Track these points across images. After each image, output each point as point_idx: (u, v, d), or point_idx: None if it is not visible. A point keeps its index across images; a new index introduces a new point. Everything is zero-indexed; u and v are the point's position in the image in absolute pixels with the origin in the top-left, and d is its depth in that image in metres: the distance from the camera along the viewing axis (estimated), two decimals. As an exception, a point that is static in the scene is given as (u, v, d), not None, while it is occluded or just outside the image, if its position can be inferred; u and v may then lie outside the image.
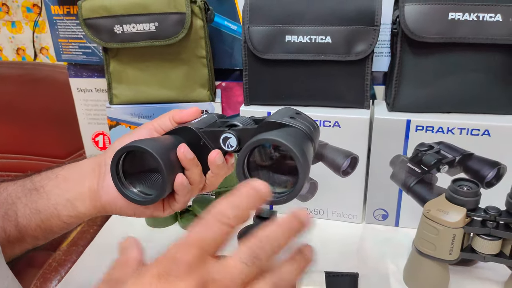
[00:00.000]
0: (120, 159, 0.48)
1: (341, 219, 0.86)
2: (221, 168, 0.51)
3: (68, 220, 0.53)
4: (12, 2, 1.45)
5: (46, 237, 0.55)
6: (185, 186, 0.49)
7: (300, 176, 0.43)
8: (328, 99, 0.81)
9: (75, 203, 0.52)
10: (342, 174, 0.81)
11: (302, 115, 0.52)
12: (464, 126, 0.72)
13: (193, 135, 0.50)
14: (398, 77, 0.76)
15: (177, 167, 0.49)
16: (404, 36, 0.73)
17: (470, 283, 0.68)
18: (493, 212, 0.60)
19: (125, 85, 0.86)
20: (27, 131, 1.32)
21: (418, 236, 0.65)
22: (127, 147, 0.47)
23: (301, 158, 0.42)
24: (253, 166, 0.47)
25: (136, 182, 0.50)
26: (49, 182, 0.53)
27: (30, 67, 1.33)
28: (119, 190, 0.49)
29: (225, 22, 0.88)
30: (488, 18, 0.68)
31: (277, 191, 0.46)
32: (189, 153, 0.49)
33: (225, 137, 0.49)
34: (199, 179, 0.51)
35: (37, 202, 0.52)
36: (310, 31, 0.76)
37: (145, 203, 0.49)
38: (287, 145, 0.42)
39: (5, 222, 0.52)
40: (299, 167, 0.42)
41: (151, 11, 0.78)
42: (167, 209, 0.53)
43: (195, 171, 0.50)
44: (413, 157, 0.77)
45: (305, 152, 0.44)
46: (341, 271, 0.67)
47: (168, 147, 0.48)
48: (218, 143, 0.50)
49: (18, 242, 0.53)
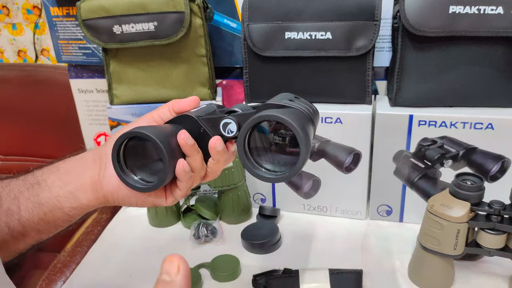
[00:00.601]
0: (121, 146, 0.48)
1: (344, 216, 0.85)
2: (222, 154, 0.50)
3: (70, 212, 0.52)
4: (12, 4, 1.45)
5: (49, 231, 0.54)
6: (186, 172, 0.48)
7: (301, 150, 0.42)
8: (329, 95, 0.80)
9: (77, 194, 0.52)
10: (345, 170, 0.81)
11: (301, 99, 0.52)
12: (467, 120, 0.72)
13: (193, 123, 0.50)
14: (399, 72, 0.76)
15: (178, 153, 0.48)
16: (405, 31, 0.73)
17: (475, 278, 0.67)
18: (497, 206, 0.60)
19: (125, 85, 0.86)
20: (29, 132, 1.32)
21: (422, 231, 0.65)
22: (128, 132, 0.47)
23: (301, 133, 0.42)
24: (253, 145, 0.47)
25: (138, 170, 0.50)
26: (51, 175, 0.53)
27: (31, 68, 1.33)
28: (120, 177, 0.49)
29: (225, 20, 0.88)
30: (489, 11, 0.68)
31: (278, 169, 0.46)
32: (190, 139, 0.48)
33: (225, 122, 0.49)
34: (200, 166, 0.50)
35: (39, 196, 0.52)
36: (310, 27, 0.75)
37: (146, 189, 0.49)
38: (287, 120, 0.42)
39: (8, 217, 0.52)
40: (299, 141, 0.42)
41: (150, 10, 0.78)
42: (169, 197, 0.52)
43: (196, 158, 0.49)
44: (416, 152, 0.76)
45: (305, 128, 0.43)
46: (345, 268, 0.66)
47: (168, 134, 0.48)
48: (218, 129, 0.50)
49: (22, 237, 0.53)
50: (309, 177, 0.83)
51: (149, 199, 0.52)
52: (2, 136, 1.34)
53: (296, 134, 0.42)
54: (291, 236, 0.81)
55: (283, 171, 0.46)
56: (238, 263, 0.72)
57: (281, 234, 0.80)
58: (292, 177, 0.45)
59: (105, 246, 0.84)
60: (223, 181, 0.82)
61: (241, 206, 0.85)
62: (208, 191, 0.93)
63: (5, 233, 0.52)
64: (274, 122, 0.47)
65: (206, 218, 0.85)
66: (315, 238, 0.81)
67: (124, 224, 0.91)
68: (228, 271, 0.70)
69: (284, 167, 0.46)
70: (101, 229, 1.00)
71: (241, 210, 0.86)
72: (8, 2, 1.46)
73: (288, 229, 0.82)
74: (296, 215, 0.88)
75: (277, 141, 0.48)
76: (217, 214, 0.87)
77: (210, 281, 0.71)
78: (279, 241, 0.78)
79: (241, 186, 0.85)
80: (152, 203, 0.52)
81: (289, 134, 0.47)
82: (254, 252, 0.77)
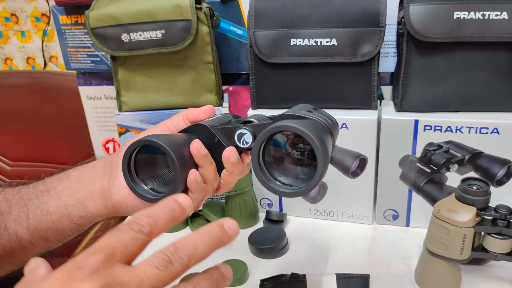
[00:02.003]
0: (132, 154, 0.47)
1: (351, 221, 0.86)
2: (236, 166, 0.49)
3: (79, 221, 0.52)
4: (21, 12, 1.47)
5: (57, 240, 0.53)
6: (198, 183, 0.47)
7: (319, 163, 0.41)
8: (335, 101, 0.81)
9: (86, 203, 0.51)
10: (351, 175, 0.81)
11: (320, 110, 0.51)
12: (472, 124, 0.72)
13: (207, 133, 0.49)
14: (405, 77, 0.76)
15: (190, 163, 0.47)
16: (410, 36, 0.73)
17: (482, 282, 0.68)
18: (503, 211, 0.60)
19: (133, 92, 0.87)
20: (38, 139, 1.33)
21: (428, 236, 0.65)
22: (140, 140, 0.46)
23: (319, 145, 0.40)
24: (268, 157, 0.46)
25: (148, 180, 0.49)
26: (61, 183, 0.53)
27: (40, 75, 1.35)
28: (130, 186, 0.48)
29: (231, 27, 0.89)
30: (494, 16, 0.68)
31: (294, 183, 0.45)
32: (203, 149, 0.47)
33: (240, 133, 0.47)
34: (213, 178, 0.49)
35: (48, 203, 0.51)
36: (315, 34, 0.76)
37: (156, 200, 0.47)
38: (305, 131, 0.40)
39: (17, 225, 0.51)
40: (317, 153, 0.40)
41: (157, 19, 0.79)
42: None
43: (209, 169, 0.48)
44: (422, 157, 0.76)
45: (324, 141, 0.42)
46: (352, 273, 0.67)
47: (181, 143, 0.47)
48: (233, 140, 0.48)
49: (31, 246, 0.52)
50: (315, 182, 0.84)
51: None
52: (11, 142, 1.36)
53: (313, 147, 0.41)
54: (298, 241, 0.81)
55: (298, 185, 0.44)
56: (246, 267, 0.73)
57: (288, 239, 0.80)
58: (308, 192, 0.43)
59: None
60: (230, 187, 0.83)
61: (248, 211, 0.86)
62: (216, 197, 0.94)
63: (13, 241, 0.52)
64: (291, 135, 0.46)
65: (214, 223, 0.85)
66: (322, 243, 0.81)
67: (132, 229, 0.91)
68: (235, 275, 0.71)
69: (300, 180, 0.45)
70: (109, 234, 1.00)
71: (248, 215, 0.86)
72: (17, 10, 1.48)
73: (295, 234, 0.83)
74: (302, 220, 0.88)
75: (293, 154, 0.46)
76: (225, 219, 0.88)
77: (218, 286, 0.71)
78: (286, 246, 0.79)
79: (248, 191, 0.86)
80: None
81: (307, 147, 0.45)
82: (261, 257, 0.77)
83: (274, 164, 0.46)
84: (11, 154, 1.39)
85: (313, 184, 0.42)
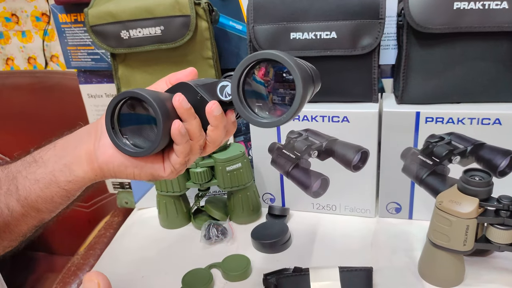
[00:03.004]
0: (115, 109, 0.47)
1: (354, 214, 0.86)
2: (220, 120, 0.48)
3: (66, 186, 0.51)
4: (21, 12, 1.47)
5: (48, 209, 0.53)
6: (183, 135, 0.47)
7: (297, 88, 0.41)
8: (336, 94, 0.81)
9: (72, 167, 0.51)
10: (353, 168, 0.81)
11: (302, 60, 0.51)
12: (474, 115, 0.72)
13: (190, 90, 0.48)
14: (405, 69, 0.76)
15: (173, 116, 0.47)
16: (410, 28, 0.73)
17: (486, 273, 0.67)
18: (506, 201, 0.60)
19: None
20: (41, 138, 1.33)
21: (431, 228, 0.65)
22: (122, 93, 0.46)
23: (298, 71, 0.40)
24: (249, 93, 0.46)
25: (132, 135, 0.49)
26: (47, 152, 0.53)
27: (41, 75, 1.35)
28: (112, 141, 0.48)
29: (230, 22, 0.88)
30: (494, 6, 0.68)
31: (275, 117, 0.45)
32: (185, 102, 0.47)
33: (222, 85, 0.47)
34: (198, 133, 0.49)
35: (36, 172, 0.51)
36: (314, 27, 0.76)
37: (140, 153, 0.47)
38: (284, 57, 0.40)
39: (7, 198, 0.52)
40: (295, 78, 0.40)
41: (156, 15, 0.79)
42: (168, 167, 0.50)
43: (193, 123, 0.48)
44: (424, 149, 0.76)
45: (303, 72, 0.42)
46: (355, 266, 0.67)
47: (164, 97, 0.47)
48: (215, 94, 0.48)
49: (23, 217, 0.53)
50: (317, 176, 0.84)
51: (146, 168, 0.50)
52: (13, 141, 1.36)
53: (292, 72, 0.40)
54: (300, 235, 0.81)
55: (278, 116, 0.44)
56: (249, 262, 0.73)
57: (290, 233, 0.80)
58: (287, 120, 0.43)
59: (118, 248, 0.85)
60: (232, 182, 0.83)
61: (250, 206, 0.86)
62: (218, 192, 0.94)
63: (6, 215, 0.52)
64: (267, 71, 0.46)
65: (216, 219, 0.86)
66: (325, 236, 0.81)
67: (136, 226, 0.92)
68: (239, 270, 0.71)
69: (280, 114, 0.44)
70: (113, 232, 1.01)
71: (251, 210, 0.86)
72: (17, 10, 1.48)
73: (297, 228, 0.83)
74: (305, 214, 0.88)
75: (270, 90, 0.46)
76: (227, 215, 0.88)
77: (222, 281, 0.72)
78: (289, 240, 0.79)
79: (250, 186, 0.86)
80: (150, 173, 0.50)
81: (284, 81, 0.45)
82: (264, 251, 0.77)
83: (255, 99, 0.46)
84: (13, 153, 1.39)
85: (292, 111, 0.42)
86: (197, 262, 0.74)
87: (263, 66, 0.45)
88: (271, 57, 0.42)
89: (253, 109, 0.46)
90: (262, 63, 0.45)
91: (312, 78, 0.48)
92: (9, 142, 1.37)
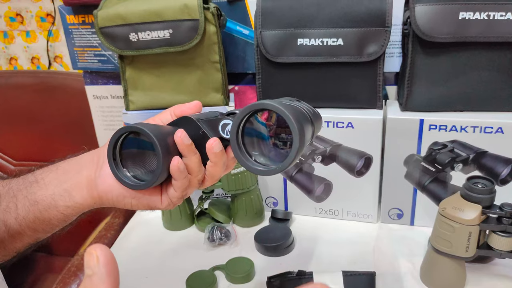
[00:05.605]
0: (118, 142, 0.48)
1: (356, 219, 0.87)
2: (220, 157, 0.49)
3: (65, 211, 0.52)
4: (26, 12, 1.48)
5: (45, 230, 0.54)
6: (181, 171, 0.47)
7: (294, 139, 0.41)
8: (341, 101, 0.82)
9: (72, 192, 0.51)
10: (356, 174, 0.82)
11: (302, 102, 0.52)
12: (477, 124, 0.73)
13: (192, 125, 0.49)
14: (410, 77, 0.77)
15: (174, 151, 0.47)
16: (415, 37, 0.74)
17: (487, 280, 0.68)
18: (508, 209, 0.61)
19: (140, 91, 0.88)
20: (44, 138, 1.34)
21: (434, 234, 0.66)
22: (125, 127, 0.47)
23: (294, 122, 0.41)
24: (248, 140, 0.46)
25: (133, 167, 0.49)
26: (49, 174, 0.53)
27: (44, 75, 1.35)
28: (113, 172, 0.48)
29: (238, 27, 0.89)
30: (499, 17, 0.69)
31: (272, 164, 0.45)
32: (187, 138, 0.48)
33: (224, 123, 0.48)
34: (197, 168, 0.49)
35: (36, 194, 0.52)
36: (321, 34, 0.77)
37: (139, 187, 0.48)
38: (281, 108, 0.41)
39: (6, 215, 0.52)
40: (292, 129, 0.41)
41: (165, 18, 0.80)
42: (165, 200, 0.51)
43: (193, 159, 0.49)
44: (427, 156, 0.77)
45: (300, 121, 0.42)
46: (358, 270, 0.67)
47: (166, 132, 0.47)
48: (217, 131, 0.49)
49: (19, 236, 0.53)
50: (320, 181, 0.85)
51: (144, 200, 0.50)
52: (16, 141, 1.36)
53: (288, 122, 0.41)
54: (303, 239, 0.82)
55: (276, 165, 0.45)
56: (253, 265, 0.73)
57: (293, 237, 0.81)
58: (282, 170, 0.43)
59: (121, 249, 0.86)
60: (236, 185, 0.84)
61: (254, 210, 0.87)
62: (221, 195, 0.94)
63: (2, 231, 0.52)
64: (270, 116, 0.46)
65: (220, 222, 0.86)
66: (327, 241, 0.82)
67: (139, 227, 0.92)
68: (242, 273, 0.72)
69: (277, 162, 0.45)
70: (114, 233, 1.01)
71: (254, 213, 0.87)
72: (22, 10, 1.49)
73: (300, 232, 0.83)
74: (308, 219, 0.89)
75: (272, 134, 0.47)
76: (231, 218, 0.88)
77: (225, 283, 0.72)
78: (292, 244, 0.79)
79: (253, 190, 0.86)
80: (147, 204, 0.51)
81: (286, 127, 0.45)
82: (267, 254, 0.78)
83: (253, 146, 0.47)
84: (16, 154, 1.39)
85: (287, 163, 0.43)
86: (201, 264, 0.75)
87: (266, 110, 0.46)
88: (268, 107, 0.43)
89: (250, 152, 0.46)
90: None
91: (311, 120, 0.48)
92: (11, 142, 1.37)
